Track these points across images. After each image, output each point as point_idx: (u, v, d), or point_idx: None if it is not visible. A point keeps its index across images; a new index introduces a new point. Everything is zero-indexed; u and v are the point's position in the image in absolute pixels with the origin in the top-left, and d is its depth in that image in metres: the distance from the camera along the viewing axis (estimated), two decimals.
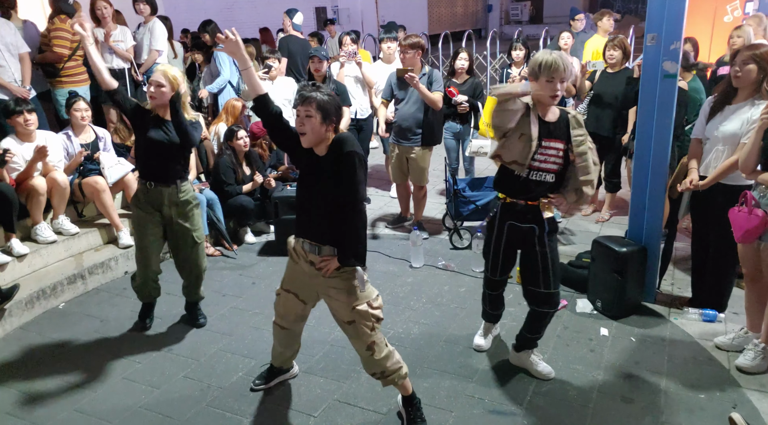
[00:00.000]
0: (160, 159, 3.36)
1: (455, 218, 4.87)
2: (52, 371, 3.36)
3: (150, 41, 5.93)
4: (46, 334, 3.76)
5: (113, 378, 3.25)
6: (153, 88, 3.24)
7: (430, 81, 4.70)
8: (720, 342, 3.35)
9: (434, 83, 4.71)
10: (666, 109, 3.52)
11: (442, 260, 4.61)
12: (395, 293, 4.15)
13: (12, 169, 4.12)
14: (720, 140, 3.30)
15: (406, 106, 4.82)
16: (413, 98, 4.77)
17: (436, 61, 10.60)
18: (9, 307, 3.77)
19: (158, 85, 3.23)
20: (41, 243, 4.23)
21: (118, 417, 2.93)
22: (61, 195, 4.33)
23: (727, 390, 2.99)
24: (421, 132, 4.82)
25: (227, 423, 2.86)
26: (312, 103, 2.44)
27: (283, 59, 6.34)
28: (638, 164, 3.72)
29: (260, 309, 3.96)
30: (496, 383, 3.11)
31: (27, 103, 4.31)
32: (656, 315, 3.72)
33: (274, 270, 4.59)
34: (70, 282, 4.23)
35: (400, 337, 3.56)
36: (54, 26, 5.18)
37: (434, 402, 2.96)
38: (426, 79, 4.69)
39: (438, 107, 4.75)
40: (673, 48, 3.42)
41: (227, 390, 3.12)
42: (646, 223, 3.74)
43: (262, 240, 5.22)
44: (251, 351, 3.46)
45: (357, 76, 5.69)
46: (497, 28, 17.59)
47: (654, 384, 3.05)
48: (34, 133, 4.31)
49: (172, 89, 3.25)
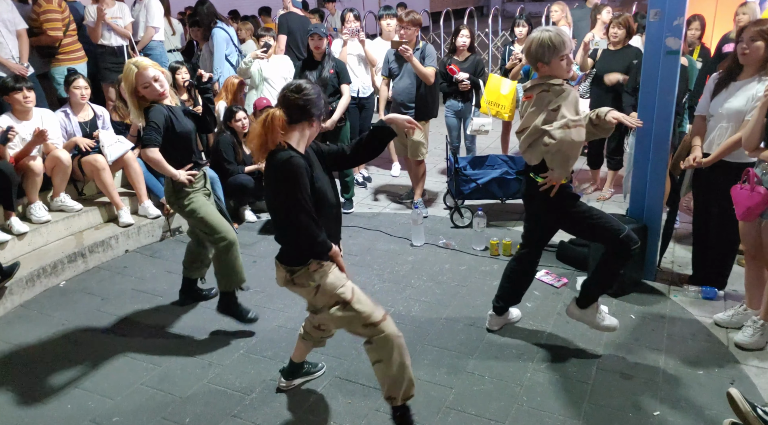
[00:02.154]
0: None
1: (456, 197, 4.86)
2: (53, 348, 3.38)
3: (146, 18, 5.85)
4: (47, 312, 3.77)
5: (114, 356, 3.26)
6: (158, 84, 3.16)
7: (423, 55, 4.73)
8: (719, 318, 3.36)
9: (427, 58, 4.74)
10: (668, 85, 3.48)
11: (443, 239, 4.61)
12: (396, 271, 4.15)
13: (8, 147, 4.09)
14: (724, 117, 3.26)
15: (399, 81, 4.85)
16: (407, 73, 4.79)
17: (438, 38, 10.47)
18: (10, 285, 3.77)
19: (154, 80, 3.16)
20: (35, 223, 4.22)
21: (119, 394, 2.95)
22: (63, 173, 4.32)
23: (725, 366, 3.01)
24: (414, 106, 4.83)
25: (228, 400, 2.88)
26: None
27: (281, 37, 6.26)
28: (640, 141, 3.69)
29: (261, 287, 3.97)
30: (497, 360, 3.12)
31: (26, 80, 4.26)
32: (656, 292, 3.72)
33: (274, 249, 4.52)
34: (70, 260, 4.24)
35: (400, 315, 3.57)
36: (42, 9, 5.06)
37: (435, 378, 2.98)
38: (419, 53, 4.71)
39: (430, 82, 4.76)
40: (676, 24, 3.37)
41: (228, 367, 3.14)
42: (646, 201, 3.72)
43: (263, 219, 5.21)
44: (252, 329, 3.47)
45: (360, 54, 5.63)
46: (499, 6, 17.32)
47: (653, 361, 3.06)
48: (31, 111, 4.27)
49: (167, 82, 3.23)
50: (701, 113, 3.45)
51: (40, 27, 5.07)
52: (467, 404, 2.80)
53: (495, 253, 4.33)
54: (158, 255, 4.55)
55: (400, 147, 5.13)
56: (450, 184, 5.04)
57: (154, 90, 3.16)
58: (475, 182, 4.74)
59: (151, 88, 3.15)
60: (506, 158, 5.15)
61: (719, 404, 2.70)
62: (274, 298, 3.83)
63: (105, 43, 5.58)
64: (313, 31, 4.99)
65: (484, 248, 4.43)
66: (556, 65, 2.69)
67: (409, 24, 4.66)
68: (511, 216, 5.01)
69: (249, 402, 2.86)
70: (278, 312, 3.67)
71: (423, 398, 2.83)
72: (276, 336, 3.40)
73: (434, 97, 5.00)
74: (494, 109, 5.29)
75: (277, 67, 5.57)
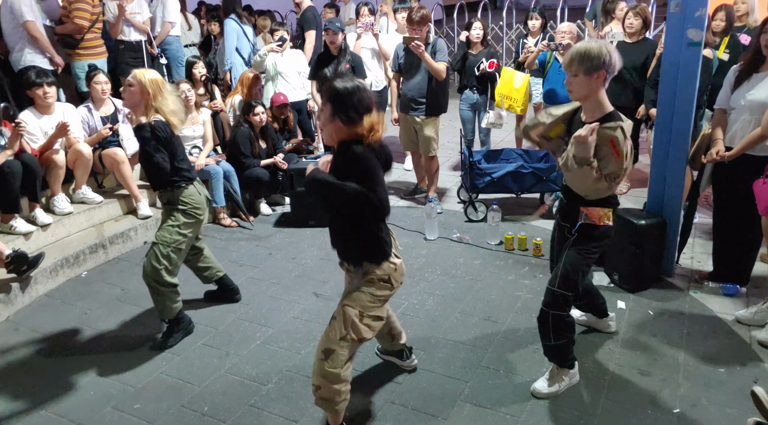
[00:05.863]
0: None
1: (470, 190, 4.84)
2: (75, 337, 3.45)
3: (163, 14, 5.91)
4: (70, 301, 3.85)
5: (134, 345, 3.32)
6: (123, 88, 3.10)
7: (434, 50, 4.69)
8: (741, 316, 3.30)
9: (438, 53, 4.69)
10: (689, 78, 3.42)
11: (457, 232, 4.60)
12: (410, 265, 4.15)
13: (31, 141, 4.17)
14: (747, 109, 3.21)
15: (411, 76, 4.81)
16: (418, 68, 4.74)
17: (451, 31, 10.42)
18: (35, 275, 3.86)
19: (128, 85, 3.05)
20: (58, 214, 4.30)
21: (140, 382, 3.01)
22: (85, 166, 4.40)
23: (748, 364, 2.96)
24: (425, 101, 4.79)
25: (246, 390, 2.92)
26: (324, 94, 2.32)
27: (310, 32, 6.18)
28: (659, 135, 3.65)
29: (277, 279, 4.01)
30: (512, 354, 3.12)
31: (47, 75, 4.33)
32: (675, 288, 3.68)
33: (290, 241, 4.63)
34: (92, 251, 4.31)
35: (414, 308, 3.58)
36: None
37: (450, 372, 2.99)
38: (430, 48, 4.67)
39: (441, 77, 4.72)
40: (698, 15, 3.31)
41: (245, 357, 3.18)
42: (665, 195, 3.68)
43: (278, 211, 5.25)
44: (268, 321, 3.51)
45: (374, 47, 5.62)
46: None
47: (672, 358, 3.03)
48: (52, 106, 4.34)
49: (141, 91, 3.01)
50: (722, 106, 3.39)
51: (68, 15, 5.16)
52: (483, 398, 2.80)
53: (510, 248, 4.32)
54: None
55: (408, 143, 5.10)
56: (464, 178, 5.03)
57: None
58: (490, 176, 4.72)
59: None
60: (521, 152, 5.11)
61: (741, 402, 2.66)
62: (289, 290, 3.86)
63: (124, 38, 5.64)
64: (328, 26, 5.00)
65: (499, 242, 4.41)
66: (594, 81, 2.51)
67: (420, 25, 4.58)
68: (526, 210, 4.99)
69: (265, 392, 2.90)
70: (293, 303, 3.70)
71: (438, 391, 2.85)
72: (292, 328, 3.43)
73: (445, 92, 4.96)
74: (507, 103, 5.27)
75: (292, 62, 5.59)
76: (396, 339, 2.91)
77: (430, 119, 4.85)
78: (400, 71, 4.93)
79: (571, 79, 2.47)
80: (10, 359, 3.26)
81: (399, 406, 2.75)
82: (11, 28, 4.83)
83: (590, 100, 2.51)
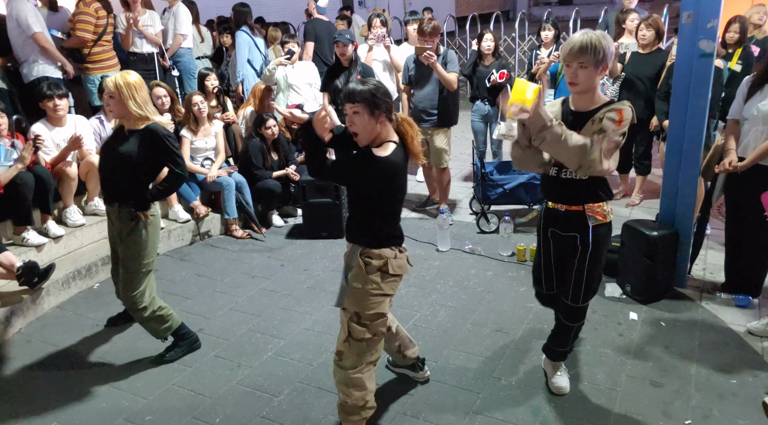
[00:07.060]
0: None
1: (483, 202, 4.84)
2: (88, 348, 3.47)
3: (175, 26, 5.98)
4: (82, 313, 3.87)
5: (146, 357, 3.33)
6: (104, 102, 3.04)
7: (445, 61, 4.70)
8: (753, 327, 3.28)
9: (449, 64, 4.71)
10: (701, 89, 3.42)
11: (469, 244, 4.60)
12: (422, 276, 4.16)
13: (43, 153, 4.22)
14: (760, 120, 3.20)
15: (422, 87, 4.83)
16: (429, 79, 4.76)
17: (463, 43, 10.47)
18: (47, 287, 3.89)
19: (110, 96, 2.95)
20: (70, 226, 4.34)
21: (152, 394, 3.02)
22: (97, 178, 4.43)
23: (759, 375, 2.94)
24: (436, 112, 4.81)
25: (257, 401, 2.92)
26: (355, 97, 2.31)
27: (308, 44, 6.32)
28: (671, 146, 3.64)
29: (289, 290, 4.02)
30: (524, 366, 3.10)
31: (59, 87, 4.36)
32: (687, 299, 3.66)
33: (302, 253, 4.64)
34: (104, 263, 4.34)
35: (426, 320, 3.58)
36: (78, 10, 5.15)
37: (462, 383, 2.98)
38: (441, 59, 4.69)
39: (453, 87, 4.74)
40: (710, 26, 3.32)
41: (257, 369, 3.18)
42: (678, 207, 3.66)
43: (290, 223, 5.27)
44: (280, 332, 3.52)
45: (385, 59, 5.65)
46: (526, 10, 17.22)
47: (684, 369, 3.01)
48: (64, 118, 4.39)
49: (121, 97, 2.90)
50: (734, 117, 3.38)
51: (73, 28, 5.18)
52: (494, 409, 2.79)
53: (522, 259, 4.31)
54: (188, 258, 4.64)
55: None
56: (476, 189, 5.03)
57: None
58: (502, 187, 4.73)
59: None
60: None
61: (753, 414, 2.65)
62: (301, 301, 3.87)
63: (136, 50, 5.70)
64: (337, 38, 5.04)
65: (511, 254, 4.40)
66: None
67: (431, 34, 4.60)
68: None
69: (277, 403, 2.90)
70: (305, 315, 3.70)
71: (451, 402, 2.84)
72: (303, 339, 3.44)
73: (456, 103, 4.98)
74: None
75: (302, 74, 5.64)
76: (407, 355, 2.91)
77: (441, 130, 4.87)
78: (410, 83, 4.96)
79: (579, 70, 2.36)
80: (22, 370, 3.29)
81: (411, 418, 2.74)
82: (21, 41, 4.79)
83: (591, 92, 2.46)
